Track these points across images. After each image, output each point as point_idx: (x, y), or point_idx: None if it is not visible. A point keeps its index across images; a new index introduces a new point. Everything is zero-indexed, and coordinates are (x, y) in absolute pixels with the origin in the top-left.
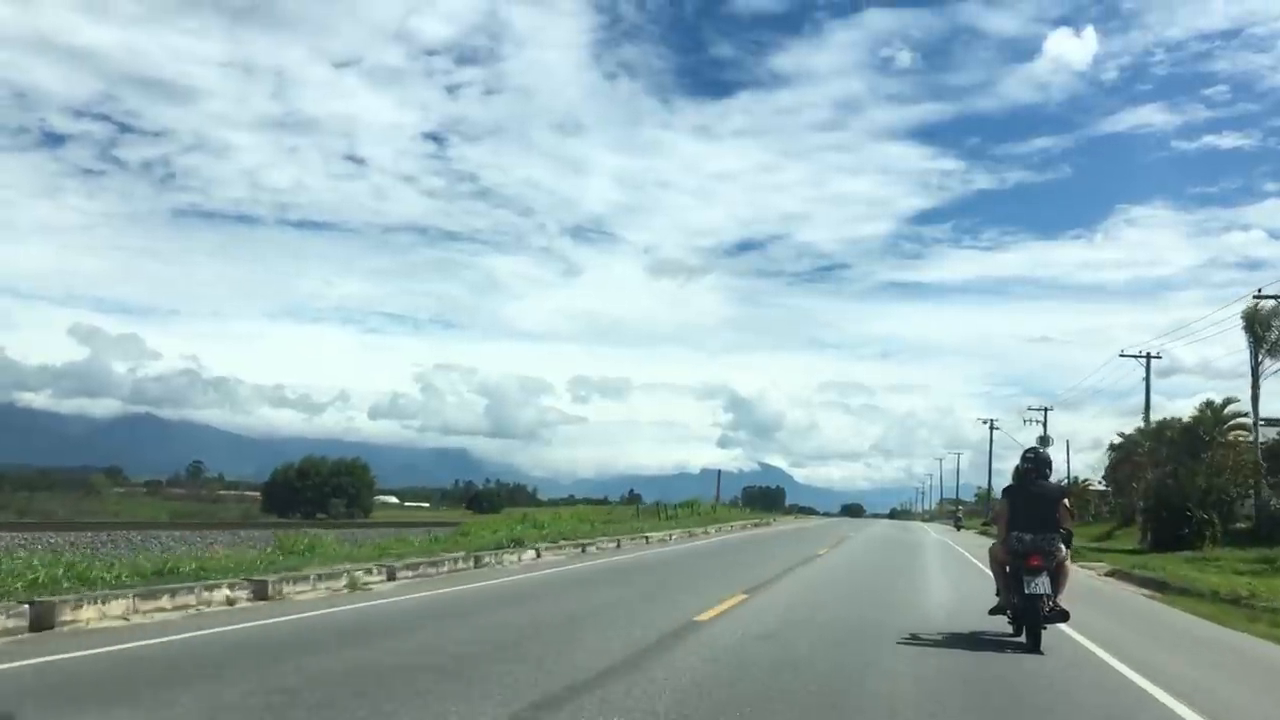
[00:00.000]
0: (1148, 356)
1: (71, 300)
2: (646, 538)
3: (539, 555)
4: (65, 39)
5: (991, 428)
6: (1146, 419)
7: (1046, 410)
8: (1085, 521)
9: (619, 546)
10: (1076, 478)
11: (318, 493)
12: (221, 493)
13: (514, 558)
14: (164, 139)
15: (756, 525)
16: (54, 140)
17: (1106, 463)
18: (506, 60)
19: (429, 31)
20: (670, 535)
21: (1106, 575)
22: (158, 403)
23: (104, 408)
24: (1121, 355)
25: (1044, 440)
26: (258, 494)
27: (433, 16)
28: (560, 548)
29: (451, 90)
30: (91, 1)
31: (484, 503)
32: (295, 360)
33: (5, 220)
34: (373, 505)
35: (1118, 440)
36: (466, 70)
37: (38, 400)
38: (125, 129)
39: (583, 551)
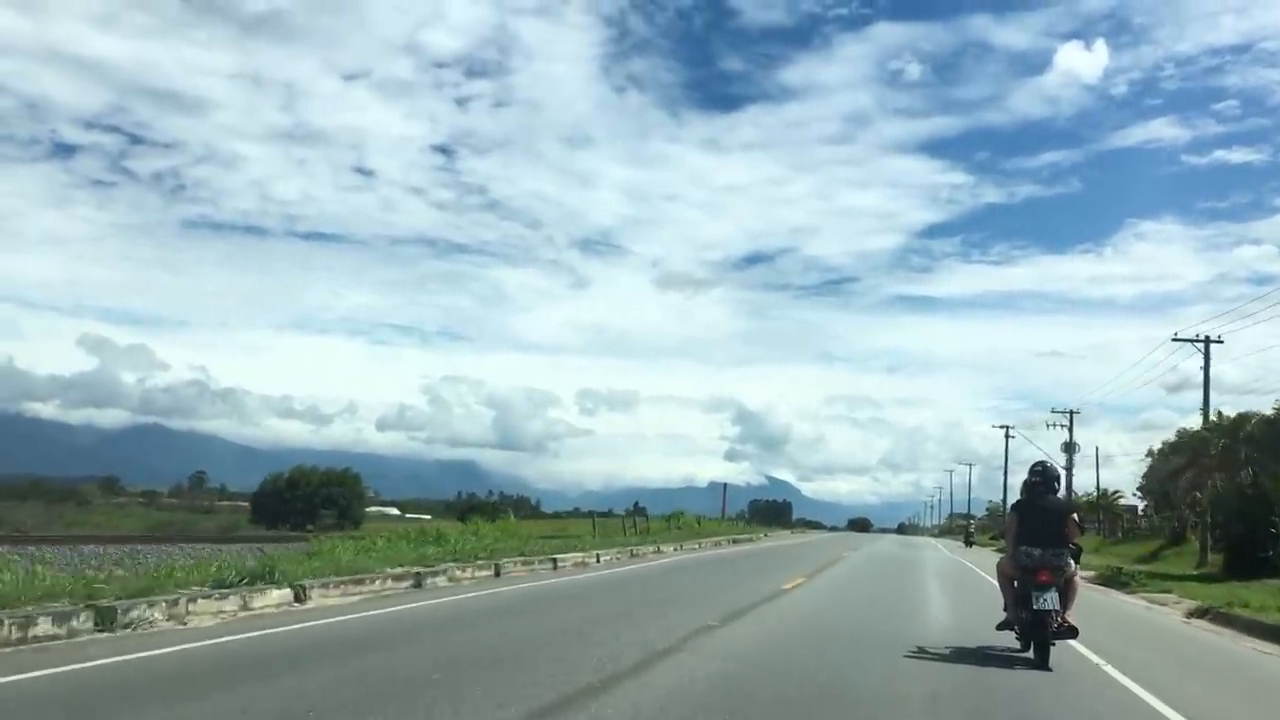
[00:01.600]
0: (1206, 340)
1: (81, 310)
2: (555, 560)
3: (301, 598)
4: (75, 50)
5: (1007, 435)
6: (1206, 414)
7: (1072, 415)
8: (1115, 539)
9: (496, 575)
10: (1105, 489)
11: (307, 503)
12: (217, 503)
13: (213, 610)
14: (174, 150)
15: (736, 542)
16: (64, 151)
17: (1144, 471)
18: (515, 73)
19: (438, 44)
20: (599, 556)
21: (1192, 616)
22: (166, 413)
23: (112, 418)
24: (1174, 339)
25: (1070, 447)
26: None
27: (442, 29)
28: (366, 581)
29: (461, 103)
30: (102, 13)
31: (480, 515)
32: (303, 371)
33: (15, 230)
34: (364, 517)
35: (1161, 443)
36: (476, 83)
37: (46, 410)
38: (135, 140)
39: (417, 586)
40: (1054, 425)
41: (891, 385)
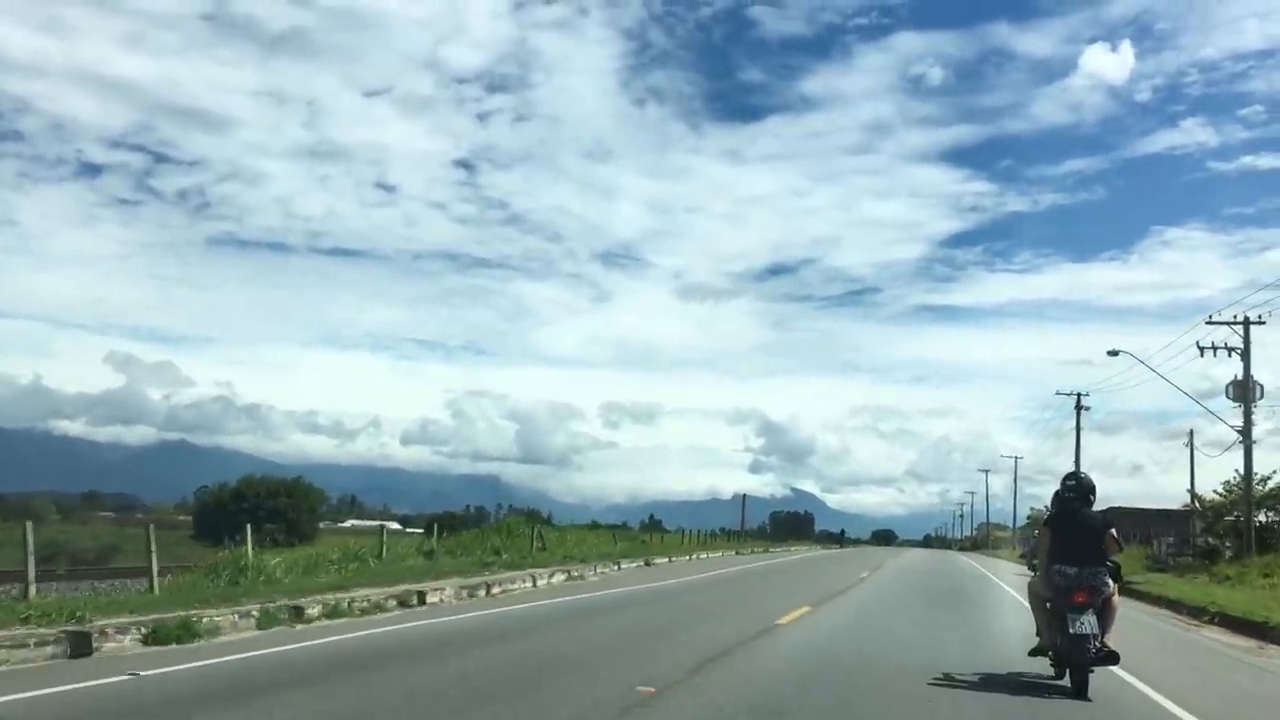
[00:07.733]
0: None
1: (107, 328)
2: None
3: None
4: (102, 70)
5: (1079, 405)
6: None
7: (1248, 325)
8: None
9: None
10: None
11: (252, 516)
12: (181, 518)
13: None
14: (198, 168)
15: (649, 564)
16: (90, 170)
17: None
18: (536, 87)
19: (459, 60)
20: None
21: None
22: (191, 429)
23: (139, 435)
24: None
25: (1244, 388)
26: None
27: (463, 44)
28: None
29: (481, 118)
30: (128, 33)
31: (444, 529)
32: (327, 387)
33: (43, 250)
34: (315, 531)
35: None
36: (496, 98)
37: (74, 428)
38: (160, 159)
39: None
40: (1211, 348)
41: (917, 396)
